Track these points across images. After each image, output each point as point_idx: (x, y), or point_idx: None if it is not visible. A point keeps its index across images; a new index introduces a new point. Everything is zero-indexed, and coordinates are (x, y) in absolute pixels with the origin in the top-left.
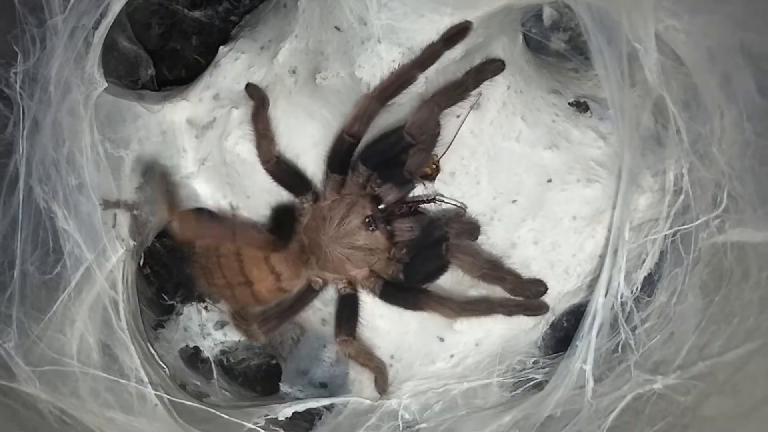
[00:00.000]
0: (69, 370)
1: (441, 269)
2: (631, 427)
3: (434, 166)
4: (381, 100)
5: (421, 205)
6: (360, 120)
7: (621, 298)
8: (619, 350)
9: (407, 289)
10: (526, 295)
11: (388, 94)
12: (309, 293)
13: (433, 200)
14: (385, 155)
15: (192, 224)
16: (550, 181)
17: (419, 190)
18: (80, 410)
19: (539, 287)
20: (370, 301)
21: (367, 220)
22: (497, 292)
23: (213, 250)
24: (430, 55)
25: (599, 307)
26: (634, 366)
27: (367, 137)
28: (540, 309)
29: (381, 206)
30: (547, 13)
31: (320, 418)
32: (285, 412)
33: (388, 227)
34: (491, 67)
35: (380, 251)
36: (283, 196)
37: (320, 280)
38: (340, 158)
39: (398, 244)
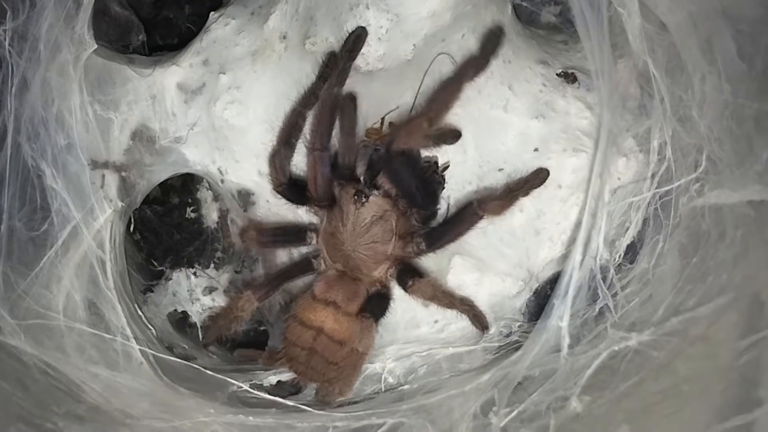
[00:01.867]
0: (54, 324)
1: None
2: (607, 383)
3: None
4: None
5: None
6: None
7: (600, 260)
8: (596, 311)
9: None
10: None
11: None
12: (307, 266)
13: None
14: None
15: None
16: (536, 150)
17: None
18: (64, 364)
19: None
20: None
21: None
22: None
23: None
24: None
25: (576, 264)
26: (611, 326)
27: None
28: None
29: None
30: None
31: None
32: (270, 379)
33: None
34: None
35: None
36: None
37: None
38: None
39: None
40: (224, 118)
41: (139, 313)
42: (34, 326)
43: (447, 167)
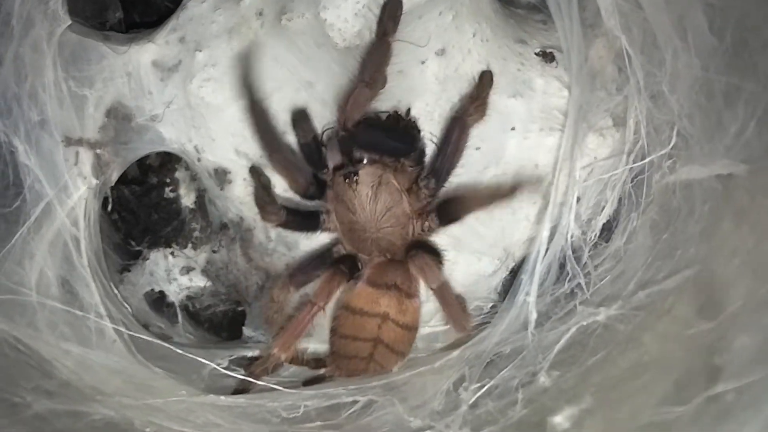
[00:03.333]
0: (27, 300)
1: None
2: (576, 358)
3: None
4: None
5: None
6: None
7: (572, 238)
8: (567, 288)
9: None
10: None
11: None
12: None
13: None
14: None
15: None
16: (513, 129)
17: None
18: (36, 340)
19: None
20: None
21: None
22: None
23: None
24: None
25: (543, 240)
26: (580, 302)
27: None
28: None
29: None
30: None
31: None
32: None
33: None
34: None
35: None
36: (247, 138)
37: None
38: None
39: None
40: (200, 96)
41: (115, 291)
42: (5, 302)
43: (409, 110)
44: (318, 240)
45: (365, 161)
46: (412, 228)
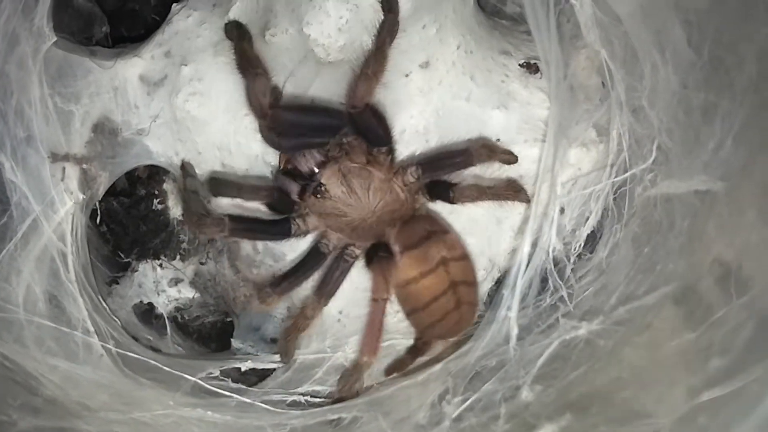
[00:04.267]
0: (14, 317)
1: None
2: (558, 372)
3: None
4: None
5: None
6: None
7: (554, 251)
8: (549, 301)
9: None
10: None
11: None
12: (319, 256)
13: None
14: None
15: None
16: (498, 140)
17: None
18: (23, 357)
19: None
20: None
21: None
22: None
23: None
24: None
25: (524, 256)
26: (563, 316)
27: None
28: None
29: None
30: None
31: (271, 372)
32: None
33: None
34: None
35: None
36: (233, 152)
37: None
38: None
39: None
40: (186, 110)
41: (103, 305)
42: None
43: None
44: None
45: (316, 169)
46: (399, 187)
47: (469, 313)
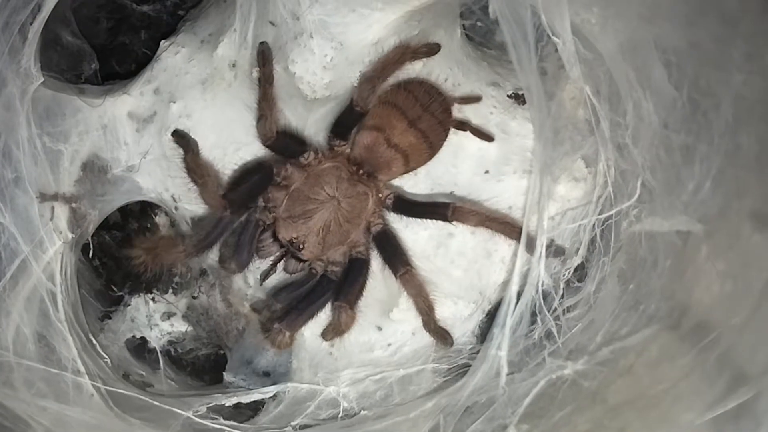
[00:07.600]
0: (3, 359)
1: None
2: (545, 411)
3: None
4: None
5: None
6: None
7: (543, 286)
8: (537, 337)
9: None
10: None
11: None
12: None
13: None
14: None
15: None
16: (487, 172)
17: None
18: (12, 399)
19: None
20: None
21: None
22: None
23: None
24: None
25: (513, 295)
26: (550, 354)
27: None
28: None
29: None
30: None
31: (263, 406)
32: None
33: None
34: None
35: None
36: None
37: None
38: None
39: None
40: (175, 146)
41: (94, 342)
42: None
43: None
44: None
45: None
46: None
47: None
